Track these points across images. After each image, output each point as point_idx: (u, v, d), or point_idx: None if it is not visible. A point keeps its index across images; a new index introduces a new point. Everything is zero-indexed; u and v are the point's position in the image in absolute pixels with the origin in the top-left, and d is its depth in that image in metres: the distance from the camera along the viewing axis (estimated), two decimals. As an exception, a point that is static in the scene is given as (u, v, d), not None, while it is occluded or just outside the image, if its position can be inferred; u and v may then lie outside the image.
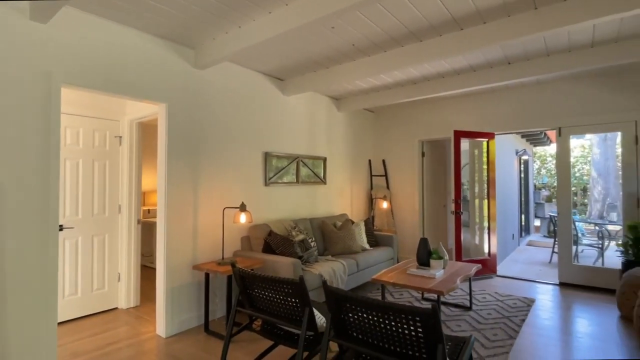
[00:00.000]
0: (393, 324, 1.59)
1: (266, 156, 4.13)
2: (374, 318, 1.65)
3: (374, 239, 4.89)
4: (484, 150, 5.14)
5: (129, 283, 3.79)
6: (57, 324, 3.20)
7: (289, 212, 4.48)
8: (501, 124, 5.02)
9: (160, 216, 3.15)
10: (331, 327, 1.85)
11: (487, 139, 5.09)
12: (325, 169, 5.06)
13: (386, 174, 6.04)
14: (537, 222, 10.07)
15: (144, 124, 6.04)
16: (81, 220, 3.52)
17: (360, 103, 5.19)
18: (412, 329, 1.54)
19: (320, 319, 2.21)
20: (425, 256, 3.49)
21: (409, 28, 3.01)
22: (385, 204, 5.59)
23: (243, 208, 3.28)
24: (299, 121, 4.69)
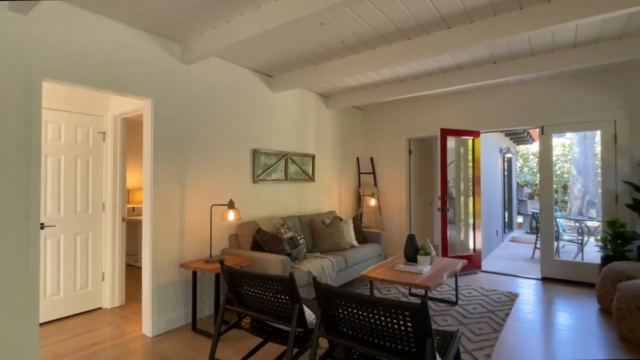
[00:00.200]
0: (383, 319, 1.60)
1: (254, 153, 4.10)
2: (364, 313, 1.66)
3: (362, 236, 4.92)
4: (470, 148, 5.22)
5: (113, 282, 3.71)
6: (39, 324, 3.11)
7: (277, 209, 4.46)
8: (486, 123, 5.11)
9: (146, 214, 3.10)
10: (321, 323, 1.85)
11: (472, 137, 5.17)
12: (313, 166, 5.06)
13: (374, 171, 6.08)
14: (520, 219, 10.32)
15: (129, 120, 5.91)
16: (63, 218, 3.42)
17: (349, 100, 5.20)
18: (401, 323, 1.56)
19: (309, 315, 2.21)
20: (413, 252, 3.53)
21: (398, 26, 3.02)
22: (373, 202, 5.63)
23: (231, 205, 3.25)
24: (288, 118, 4.67)
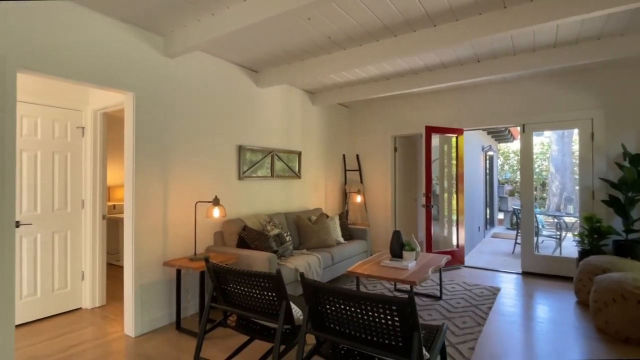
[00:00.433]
0: (370, 314, 1.61)
1: (240, 149, 4.05)
2: (351, 309, 1.66)
3: (348, 233, 4.93)
4: (453, 145, 5.30)
5: (93, 282, 3.61)
6: (15, 326, 2.99)
7: (263, 206, 4.43)
8: (470, 120, 5.20)
9: (128, 210, 3.02)
10: (308, 319, 1.85)
11: (456, 135, 5.25)
12: (300, 163, 5.03)
13: (360, 168, 6.10)
14: (501, 215, 10.57)
15: (109, 115, 5.74)
16: (40, 216, 3.30)
17: (335, 97, 5.20)
18: (389, 318, 1.57)
19: (296, 312, 2.20)
20: (398, 248, 3.56)
21: (384, 22, 3.03)
22: (359, 198, 5.65)
23: (216, 202, 3.20)
24: (274, 114, 4.62)
